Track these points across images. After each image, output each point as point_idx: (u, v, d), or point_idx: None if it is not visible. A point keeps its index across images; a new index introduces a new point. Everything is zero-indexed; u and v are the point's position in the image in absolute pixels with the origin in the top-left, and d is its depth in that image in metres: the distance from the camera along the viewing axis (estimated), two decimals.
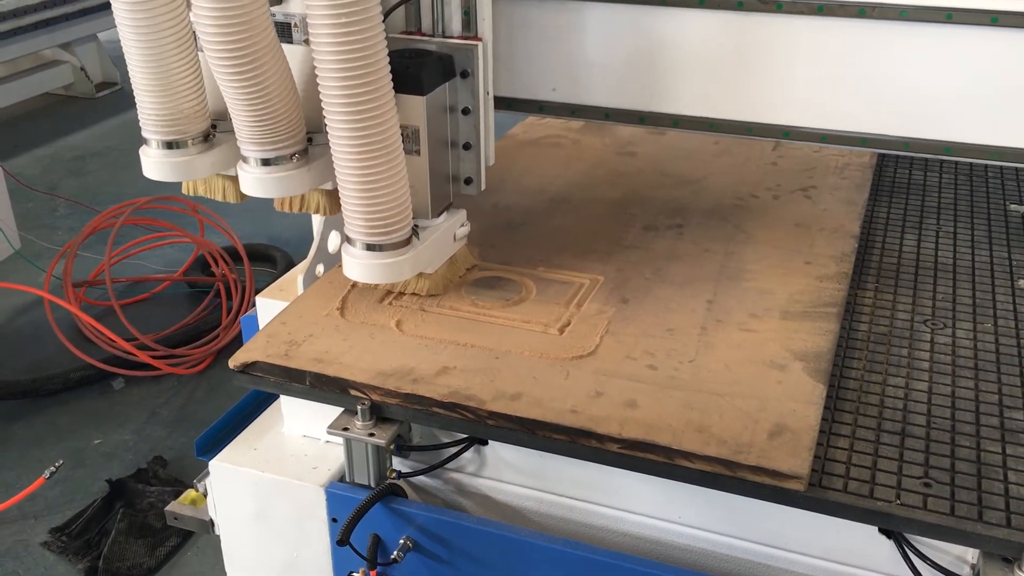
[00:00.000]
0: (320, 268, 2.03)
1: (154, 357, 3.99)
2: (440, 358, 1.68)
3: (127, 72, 1.72)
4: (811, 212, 2.23)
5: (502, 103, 2.00)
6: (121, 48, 1.67)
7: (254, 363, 1.70)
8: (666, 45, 1.90)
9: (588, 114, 2.03)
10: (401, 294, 1.89)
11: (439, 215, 1.86)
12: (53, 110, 7.51)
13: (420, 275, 1.87)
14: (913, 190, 2.47)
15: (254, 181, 1.74)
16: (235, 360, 1.71)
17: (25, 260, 4.84)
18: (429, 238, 1.80)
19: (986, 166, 2.62)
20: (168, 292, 4.75)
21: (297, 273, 2.02)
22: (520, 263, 2.00)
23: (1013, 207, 2.38)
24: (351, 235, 1.71)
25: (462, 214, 1.92)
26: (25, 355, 4.20)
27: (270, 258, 4.93)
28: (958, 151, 1.84)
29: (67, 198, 5.83)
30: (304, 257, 2.11)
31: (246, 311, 4.33)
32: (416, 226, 1.77)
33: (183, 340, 4.21)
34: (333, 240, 2.06)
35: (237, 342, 4.08)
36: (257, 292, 4.60)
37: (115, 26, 1.66)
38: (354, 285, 1.92)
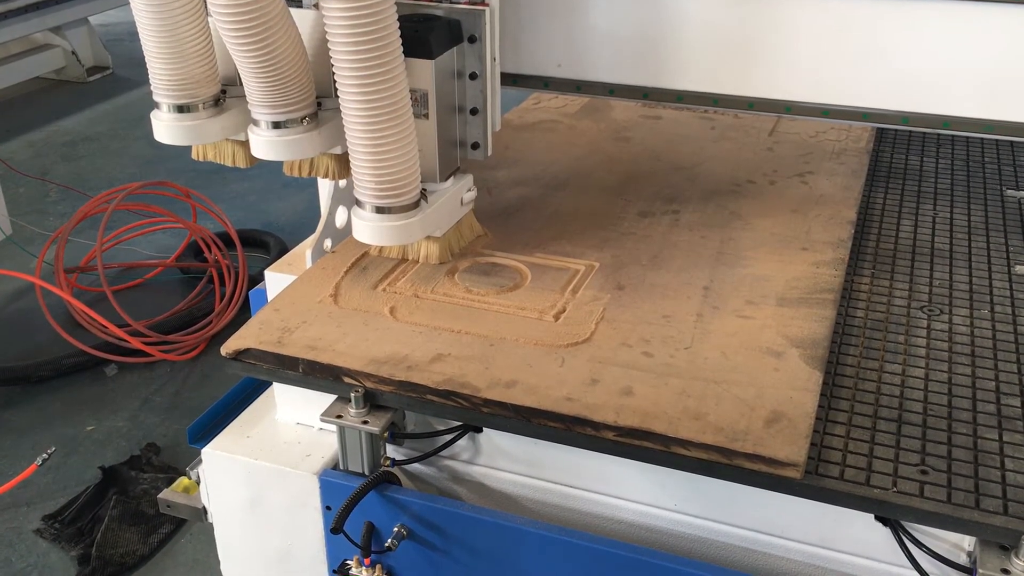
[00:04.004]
0: (328, 243, 2.04)
1: (147, 343, 3.97)
2: (434, 345, 1.67)
3: (118, 56, 1.71)
4: (808, 198, 2.22)
5: (507, 79, 2.02)
6: (113, 32, 1.66)
7: (246, 350, 1.68)
8: (670, 21, 1.91)
9: (593, 90, 2.04)
10: (395, 280, 1.88)
11: (447, 179, 1.88)
12: (44, 94, 7.46)
13: (428, 242, 1.89)
14: (910, 175, 2.46)
15: (264, 144, 1.75)
16: (227, 347, 1.69)
17: (16, 246, 4.82)
18: (437, 201, 1.83)
19: (983, 151, 2.62)
20: (161, 278, 4.73)
21: (305, 248, 2.03)
22: (515, 249, 1.99)
23: (1010, 193, 2.38)
24: (361, 198, 1.74)
25: (469, 179, 1.95)
26: (17, 341, 4.18)
27: (263, 244, 4.92)
28: (956, 125, 1.85)
29: (58, 183, 5.80)
30: (297, 243, 2.10)
31: (240, 297, 4.32)
32: (424, 190, 1.79)
33: (176, 326, 4.20)
34: (341, 215, 2.06)
35: (231, 328, 4.06)
36: (251, 278, 4.61)
37: (106, 9, 1.64)
38: (347, 272, 1.90)
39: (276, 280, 2.01)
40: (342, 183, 2.02)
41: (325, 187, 2.11)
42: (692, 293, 1.82)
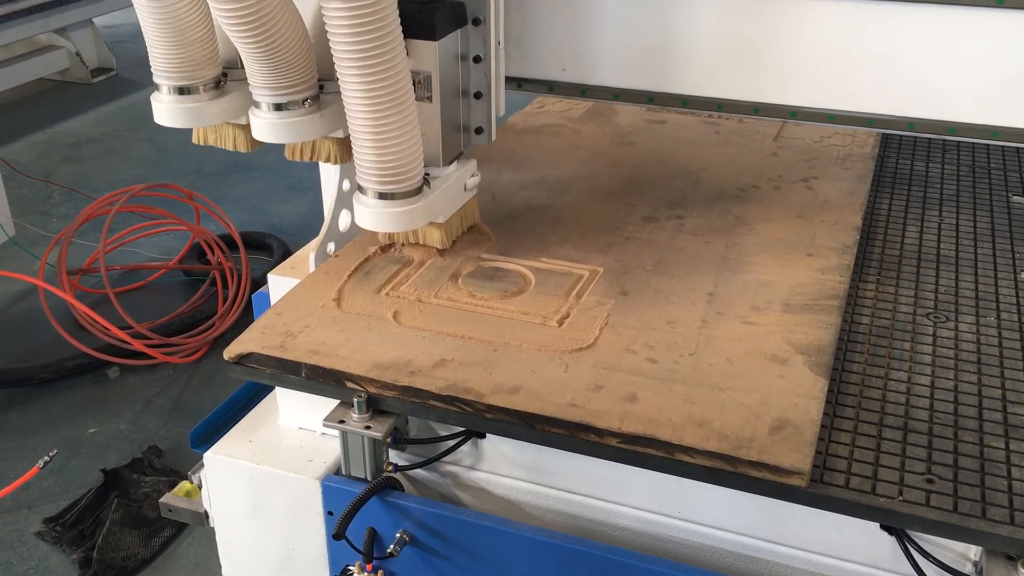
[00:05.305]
0: (331, 246, 2.02)
1: (149, 346, 3.96)
2: (438, 350, 1.66)
3: (122, 58, 1.71)
4: (813, 203, 2.21)
5: (512, 82, 2.01)
6: (117, 34, 1.66)
7: (249, 354, 1.68)
8: (676, 26, 1.90)
9: (597, 94, 2.03)
10: (399, 285, 1.87)
11: (450, 164, 1.87)
12: (48, 96, 7.46)
13: (430, 227, 1.88)
14: (915, 181, 2.45)
15: (266, 126, 1.74)
16: (230, 351, 1.69)
17: (19, 247, 4.82)
18: (440, 187, 1.81)
19: (988, 157, 2.61)
20: (164, 280, 4.73)
21: (308, 251, 2.01)
22: (519, 254, 1.98)
23: (1016, 199, 2.37)
24: (363, 184, 1.72)
25: (472, 164, 1.93)
26: (19, 343, 4.17)
27: (266, 246, 4.91)
28: (962, 131, 1.84)
29: (62, 185, 5.80)
30: (300, 245, 2.10)
31: (242, 300, 4.31)
32: (427, 174, 1.77)
33: (179, 328, 4.19)
34: (344, 218, 2.05)
35: (233, 331, 4.06)
36: (254, 280, 4.60)
37: (110, 11, 1.64)
38: (350, 276, 1.90)
39: (279, 283, 2.00)
40: (346, 186, 2.02)
41: (329, 190, 2.10)
42: (697, 299, 1.82)
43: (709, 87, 1.95)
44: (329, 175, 2.13)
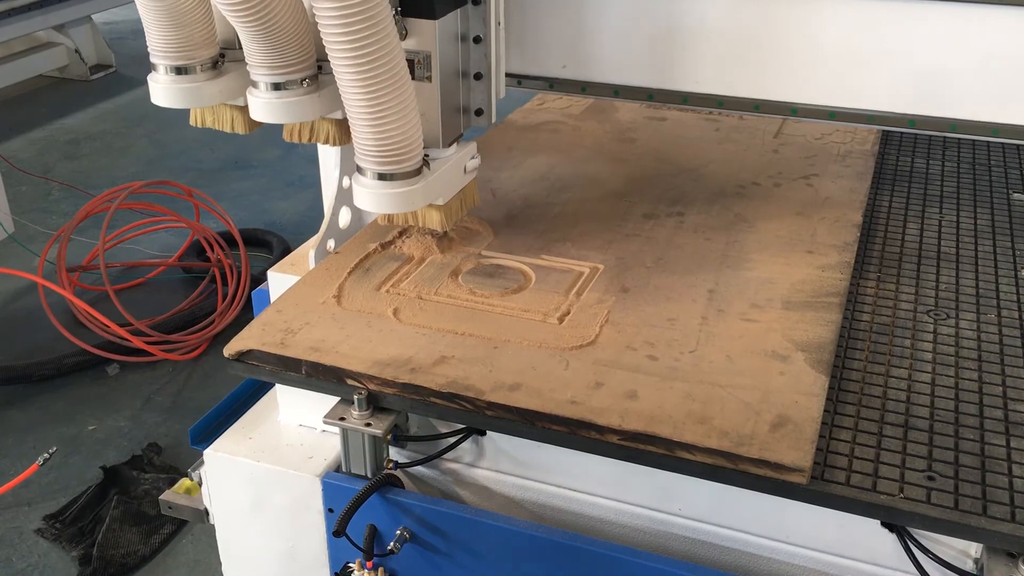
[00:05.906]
0: (331, 243, 2.02)
1: (149, 343, 3.97)
2: (438, 347, 1.66)
3: (121, 55, 1.70)
4: (813, 200, 2.21)
5: (512, 79, 2.00)
6: (116, 31, 1.65)
7: (249, 351, 1.67)
8: (677, 23, 1.91)
9: (598, 91, 2.03)
10: (399, 282, 1.87)
11: (450, 146, 1.85)
12: (47, 93, 7.46)
13: (430, 209, 1.86)
14: (916, 178, 2.45)
15: (263, 106, 1.72)
16: (230, 348, 1.68)
17: (19, 244, 4.82)
18: (440, 168, 1.80)
19: (989, 154, 2.61)
20: (163, 277, 4.73)
21: (308, 248, 2.01)
22: (519, 251, 1.98)
23: (1016, 196, 2.36)
24: (362, 164, 1.70)
25: (472, 146, 1.91)
26: (18, 340, 4.18)
27: (266, 243, 4.91)
28: (963, 128, 1.85)
29: (61, 182, 5.80)
30: (300, 243, 2.09)
31: (242, 297, 4.32)
32: (427, 156, 1.76)
33: (178, 326, 4.19)
34: (344, 215, 2.04)
35: (233, 328, 4.06)
36: (253, 278, 4.60)
37: (109, 7, 1.63)
38: (350, 273, 1.89)
39: (279, 280, 2.00)
40: (345, 183, 2.02)
41: (329, 187, 2.10)
42: (697, 296, 1.81)
43: (710, 84, 1.95)
44: (329, 171, 2.13)
